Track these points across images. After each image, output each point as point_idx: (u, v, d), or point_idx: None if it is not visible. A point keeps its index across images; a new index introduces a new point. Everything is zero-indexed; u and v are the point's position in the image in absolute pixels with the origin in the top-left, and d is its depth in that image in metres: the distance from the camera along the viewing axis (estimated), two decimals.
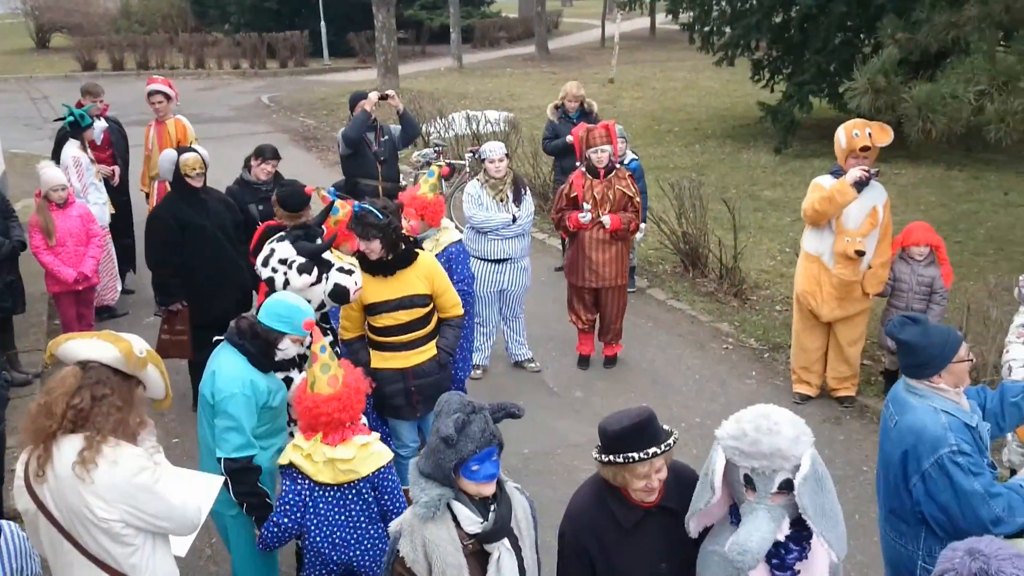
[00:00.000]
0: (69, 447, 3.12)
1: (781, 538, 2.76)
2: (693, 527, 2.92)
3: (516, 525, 3.09)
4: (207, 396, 4.03)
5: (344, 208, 5.02)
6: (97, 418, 3.14)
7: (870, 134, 5.81)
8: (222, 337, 4.19)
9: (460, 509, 2.99)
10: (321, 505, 3.91)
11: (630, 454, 2.93)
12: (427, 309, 5.06)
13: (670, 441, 3.00)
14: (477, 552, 3.00)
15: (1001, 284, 7.09)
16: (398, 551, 3.00)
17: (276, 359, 4.20)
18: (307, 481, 3.87)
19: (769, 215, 11.19)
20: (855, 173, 5.90)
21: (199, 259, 6.23)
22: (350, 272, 4.69)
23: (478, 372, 7.05)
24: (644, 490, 2.97)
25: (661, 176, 10.99)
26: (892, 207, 10.55)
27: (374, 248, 4.82)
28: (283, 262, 4.64)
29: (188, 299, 6.29)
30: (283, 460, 3.92)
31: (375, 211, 4.78)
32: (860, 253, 5.99)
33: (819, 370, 6.61)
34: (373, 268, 4.90)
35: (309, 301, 4.54)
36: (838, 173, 6.07)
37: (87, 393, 3.15)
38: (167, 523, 3.24)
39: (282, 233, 4.86)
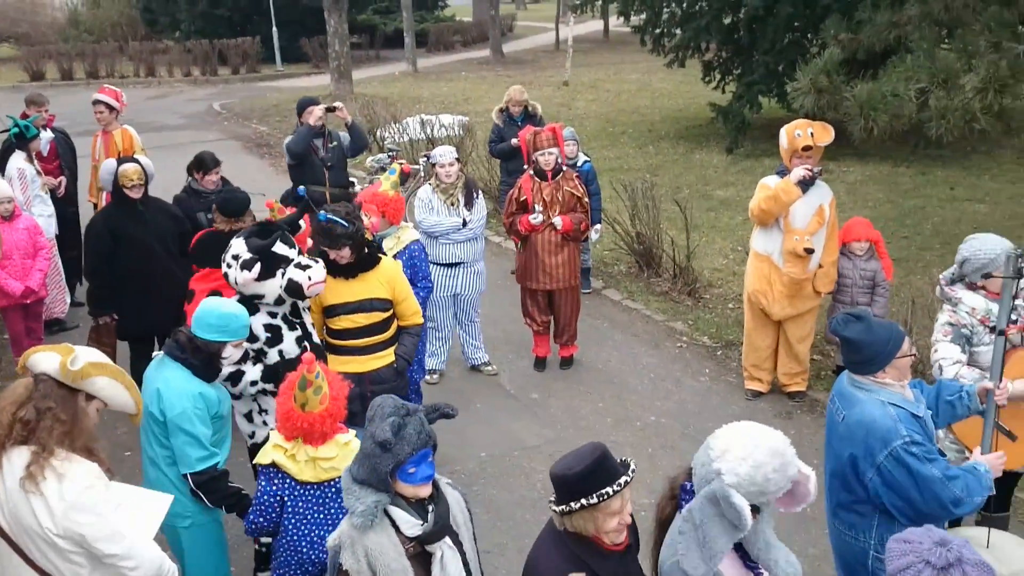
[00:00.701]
0: (19, 459, 3.09)
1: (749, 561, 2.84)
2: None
3: (454, 522, 3.09)
4: (155, 414, 3.99)
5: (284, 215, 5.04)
6: (42, 432, 3.11)
7: (812, 134, 5.92)
8: (160, 352, 4.17)
9: (398, 513, 2.96)
10: (301, 504, 3.91)
11: (603, 490, 2.76)
12: (387, 314, 5.06)
13: (632, 466, 2.87)
14: (419, 554, 2.99)
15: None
16: (340, 564, 2.96)
17: (221, 368, 4.18)
18: (287, 480, 3.88)
19: (721, 215, 11.32)
20: (798, 172, 6.01)
21: (132, 271, 6.18)
22: (307, 267, 4.66)
23: (434, 377, 7.05)
24: (617, 529, 2.82)
25: (616, 177, 11.08)
26: (841, 204, 10.80)
27: (343, 255, 4.85)
28: (235, 258, 4.62)
29: (120, 311, 6.24)
30: (264, 460, 3.90)
31: (340, 220, 4.78)
32: (809, 251, 6.09)
33: (770, 367, 6.70)
34: (334, 269, 4.90)
35: (263, 296, 4.59)
36: (784, 173, 6.16)
37: (32, 406, 3.13)
38: (106, 546, 3.15)
39: (247, 231, 4.85)
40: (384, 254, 5.19)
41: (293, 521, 3.89)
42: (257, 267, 4.57)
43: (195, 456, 3.98)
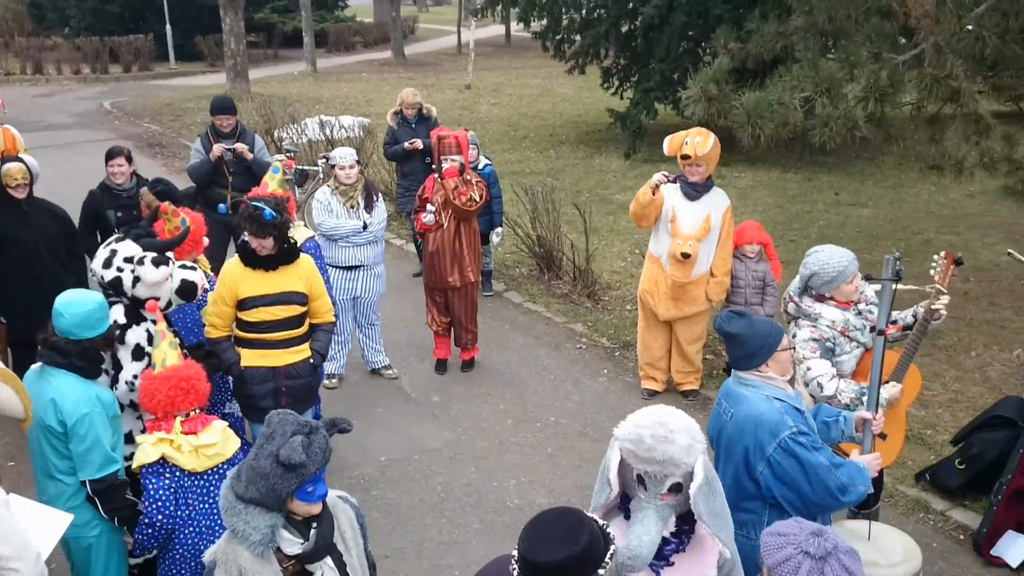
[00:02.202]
0: None
1: (667, 534, 2.86)
2: (600, 515, 2.93)
3: (341, 538, 3.00)
4: (53, 426, 3.83)
5: (179, 216, 4.92)
6: None
7: (698, 142, 6.11)
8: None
9: (282, 532, 2.87)
10: (191, 496, 3.85)
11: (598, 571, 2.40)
12: (303, 309, 5.04)
13: (612, 535, 2.52)
14: (298, 573, 2.90)
15: None
16: None
17: (104, 361, 4.08)
18: (176, 472, 3.81)
19: (620, 218, 11.51)
20: (656, 176, 6.28)
21: (16, 274, 5.96)
22: (195, 269, 4.59)
23: (333, 381, 6.97)
24: None
25: (517, 181, 11.15)
26: (733, 209, 11.15)
27: (267, 245, 4.82)
28: (129, 260, 4.47)
29: (5, 315, 6.01)
30: (150, 457, 3.83)
31: (268, 208, 4.72)
32: (685, 255, 6.27)
33: (664, 366, 6.86)
34: (254, 262, 4.86)
35: (157, 299, 4.45)
36: (680, 177, 6.36)
37: None
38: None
39: (119, 234, 4.70)
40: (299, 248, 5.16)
41: (187, 514, 3.84)
42: (171, 263, 4.47)
43: (96, 462, 3.86)
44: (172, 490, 3.80)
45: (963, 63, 6.32)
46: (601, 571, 2.40)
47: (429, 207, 6.74)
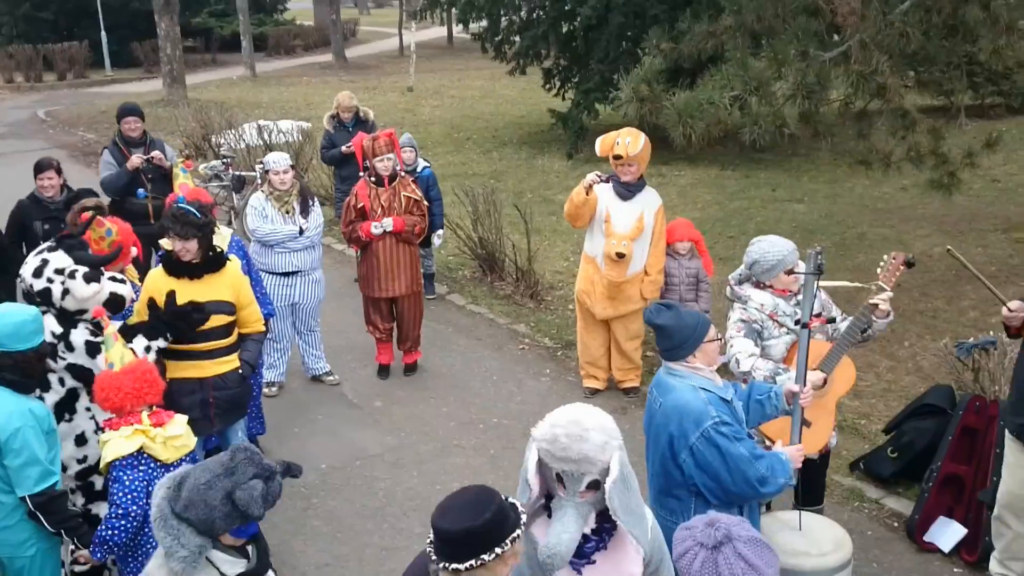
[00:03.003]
0: None
1: (588, 532, 2.86)
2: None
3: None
4: None
5: (103, 226, 4.83)
6: None
7: (628, 142, 6.17)
8: None
9: (217, 555, 2.85)
10: None
11: (503, 543, 2.47)
12: (231, 318, 4.96)
13: (521, 509, 2.60)
14: None
15: None
16: None
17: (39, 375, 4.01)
18: (151, 463, 3.82)
19: (562, 219, 11.35)
20: (589, 177, 6.33)
21: None
22: (124, 282, 4.51)
23: (273, 389, 6.89)
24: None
25: (461, 183, 11.13)
26: (672, 207, 11.30)
27: (190, 248, 4.73)
28: (60, 271, 4.37)
29: None
30: (127, 448, 3.81)
31: (194, 210, 4.64)
32: (620, 255, 6.32)
33: (605, 364, 6.90)
34: (178, 270, 4.77)
35: (85, 312, 4.37)
36: (614, 178, 6.41)
37: None
38: None
39: (51, 243, 4.59)
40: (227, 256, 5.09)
41: None
42: (103, 280, 4.39)
43: (34, 476, 3.77)
44: (145, 482, 3.79)
45: (888, 59, 6.47)
46: (498, 549, 2.46)
47: (385, 220, 6.66)
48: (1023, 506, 4.41)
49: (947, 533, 5.00)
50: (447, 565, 2.46)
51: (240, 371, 5.01)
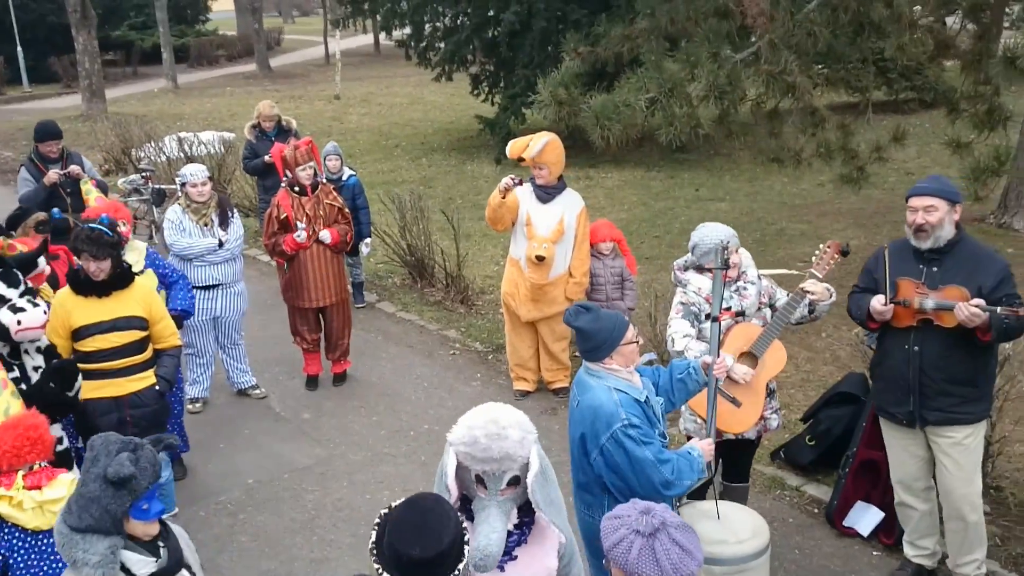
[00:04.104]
0: None
1: (511, 528, 2.89)
2: None
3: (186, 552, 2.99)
4: None
5: (15, 250, 4.71)
6: None
7: (531, 145, 6.26)
8: None
9: (128, 555, 2.80)
10: (33, 556, 3.62)
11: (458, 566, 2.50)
12: (144, 333, 4.87)
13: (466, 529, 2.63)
14: None
15: None
16: None
17: None
18: (15, 533, 3.58)
19: None
20: (504, 181, 6.43)
21: None
22: (21, 310, 4.36)
23: (197, 405, 6.79)
24: None
25: (389, 191, 11.09)
26: (600, 208, 11.45)
27: (104, 268, 4.65)
28: None
29: None
30: None
31: (106, 229, 4.55)
32: (539, 258, 6.38)
33: (534, 366, 6.95)
34: (85, 288, 4.67)
35: None
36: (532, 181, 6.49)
37: None
38: None
39: None
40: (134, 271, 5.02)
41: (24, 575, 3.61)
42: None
43: None
44: (1, 556, 3.57)
45: (797, 58, 6.65)
46: (460, 565, 2.47)
47: (299, 224, 6.63)
48: (920, 487, 4.58)
49: (865, 517, 5.15)
50: None
51: (157, 387, 4.92)
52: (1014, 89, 8.34)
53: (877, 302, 4.29)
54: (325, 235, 6.67)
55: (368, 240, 8.61)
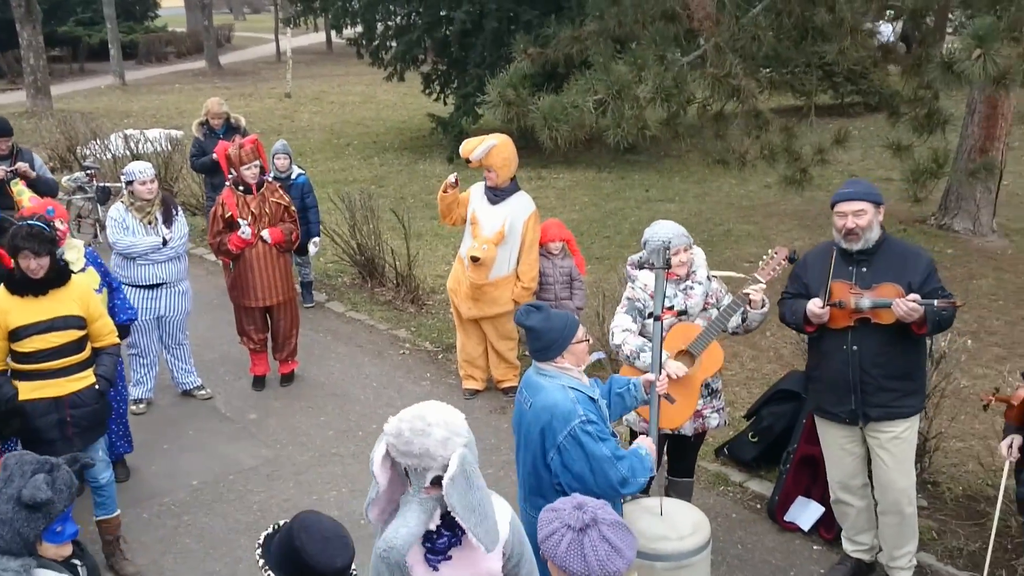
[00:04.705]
0: None
1: (432, 527, 2.88)
2: (372, 516, 2.96)
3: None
4: None
5: None
6: None
7: (476, 147, 6.32)
8: None
9: (41, 573, 2.74)
10: None
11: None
12: (82, 333, 4.79)
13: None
14: None
15: None
16: None
17: None
18: None
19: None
20: (449, 178, 6.58)
21: None
22: None
23: (141, 406, 6.69)
24: None
25: (340, 190, 11.03)
26: (551, 208, 11.50)
27: (44, 264, 4.56)
28: None
29: None
30: None
31: (44, 226, 4.47)
32: (474, 259, 6.41)
33: (483, 365, 6.97)
34: (21, 288, 4.58)
35: None
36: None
37: None
38: None
39: None
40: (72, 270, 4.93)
41: None
42: None
43: None
44: None
45: (742, 62, 6.75)
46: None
47: (242, 222, 6.58)
48: (857, 484, 4.69)
49: (806, 512, 5.25)
50: None
51: (97, 387, 4.85)
52: (955, 94, 8.57)
53: (814, 305, 4.37)
54: (266, 234, 6.62)
55: (317, 239, 8.56)
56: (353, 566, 2.58)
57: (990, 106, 9.93)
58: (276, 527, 2.66)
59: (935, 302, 4.14)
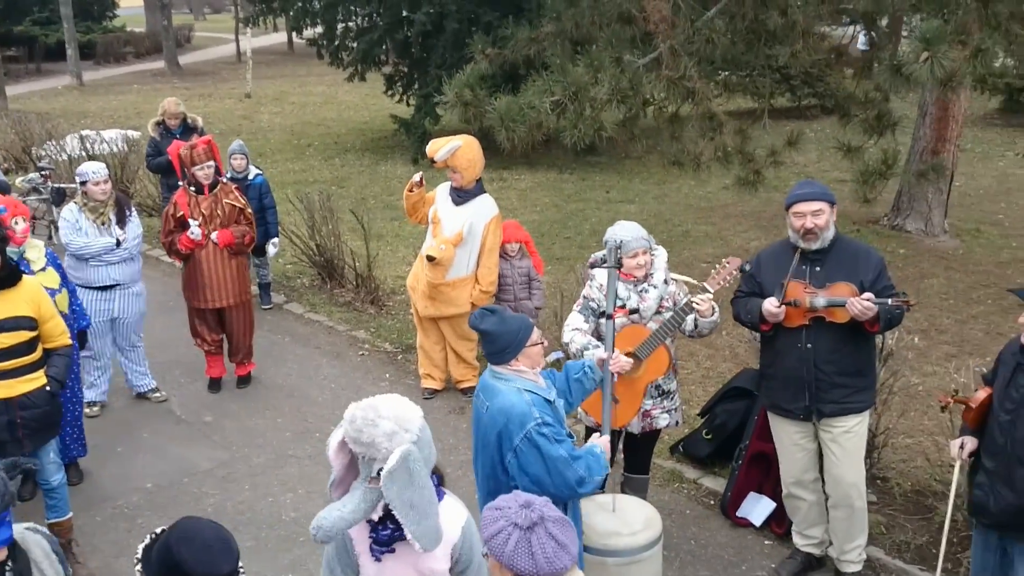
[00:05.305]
0: None
1: (375, 518, 2.92)
2: (334, 497, 2.98)
3: (38, 571, 2.88)
4: None
5: None
6: None
7: (440, 147, 6.35)
8: None
9: None
10: None
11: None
12: (33, 334, 4.72)
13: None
14: None
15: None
16: None
17: None
18: None
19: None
20: (414, 176, 6.60)
21: None
22: None
23: (95, 409, 6.61)
24: None
25: (301, 190, 10.99)
26: (513, 209, 11.54)
27: None
28: None
29: None
30: None
31: None
32: (430, 258, 6.43)
33: (442, 365, 6.98)
34: None
35: None
36: None
37: None
38: None
39: None
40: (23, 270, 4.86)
41: None
42: None
43: None
44: None
45: (696, 64, 6.82)
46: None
47: (192, 222, 6.53)
48: (809, 479, 4.77)
49: (757, 508, 5.33)
50: None
51: (48, 388, 4.79)
52: (909, 97, 8.72)
53: (771, 305, 4.44)
54: (215, 236, 6.59)
55: (276, 240, 8.51)
56: (240, 564, 2.58)
57: (941, 108, 10.13)
58: (153, 537, 2.62)
59: (888, 301, 4.23)
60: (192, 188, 6.59)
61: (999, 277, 9.36)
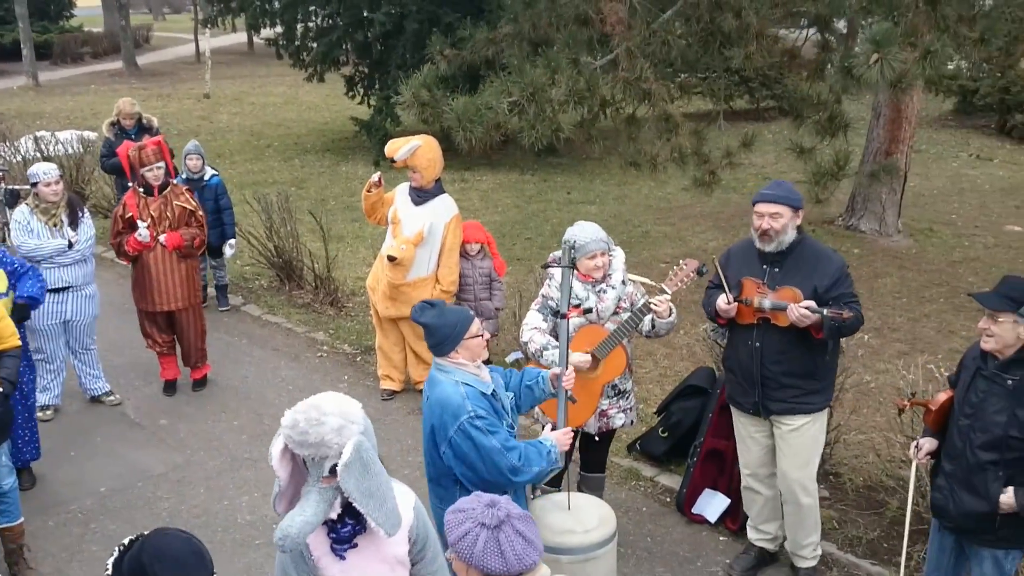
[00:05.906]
0: None
1: (334, 516, 2.91)
2: (280, 509, 2.96)
3: None
4: None
5: None
6: None
7: (415, 149, 6.31)
8: None
9: None
10: None
11: None
12: None
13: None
14: None
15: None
16: None
17: None
18: None
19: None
20: (372, 177, 6.60)
21: None
22: None
23: (48, 412, 6.52)
24: None
25: (260, 191, 10.90)
26: (475, 210, 11.55)
27: None
28: None
29: None
30: None
31: None
32: (390, 258, 6.43)
33: (401, 365, 6.98)
34: None
35: None
36: None
37: None
38: None
39: None
40: None
41: None
42: None
43: None
44: None
45: (652, 66, 6.89)
46: None
47: (140, 223, 6.46)
48: (764, 473, 4.84)
49: (712, 504, 5.39)
50: None
51: (1, 390, 4.72)
52: (861, 98, 8.87)
53: (722, 300, 4.51)
54: (163, 238, 6.52)
55: (233, 241, 8.44)
56: (215, 571, 2.57)
57: (895, 110, 10.30)
58: (121, 549, 2.60)
59: (825, 311, 4.27)
60: (141, 189, 6.51)
61: (951, 276, 9.54)
